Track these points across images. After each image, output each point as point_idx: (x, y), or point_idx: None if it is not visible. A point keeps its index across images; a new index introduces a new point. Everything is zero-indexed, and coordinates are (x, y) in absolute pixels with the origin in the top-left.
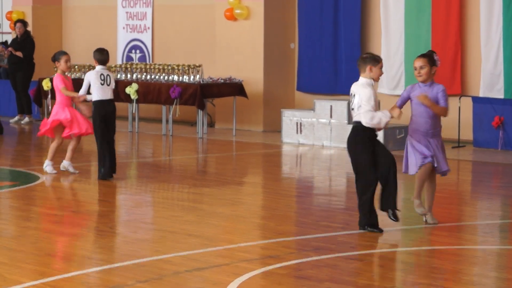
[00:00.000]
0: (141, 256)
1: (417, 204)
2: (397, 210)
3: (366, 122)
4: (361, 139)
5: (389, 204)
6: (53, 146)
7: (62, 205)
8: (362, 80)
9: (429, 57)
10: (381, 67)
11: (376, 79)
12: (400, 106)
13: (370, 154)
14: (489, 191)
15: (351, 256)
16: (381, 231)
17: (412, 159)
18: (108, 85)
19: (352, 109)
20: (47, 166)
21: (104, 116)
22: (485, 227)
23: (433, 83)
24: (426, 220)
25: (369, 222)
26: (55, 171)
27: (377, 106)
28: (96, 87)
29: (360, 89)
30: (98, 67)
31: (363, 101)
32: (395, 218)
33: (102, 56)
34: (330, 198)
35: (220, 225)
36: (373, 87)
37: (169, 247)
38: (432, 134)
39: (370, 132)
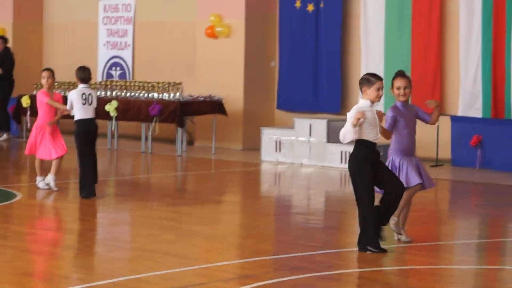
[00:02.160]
0: (118, 275)
1: (394, 222)
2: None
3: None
4: (354, 157)
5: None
6: (38, 162)
7: (39, 224)
8: (359, 102)
9: (409, 78)
10: (379, 88)
11: (373, 100)
12: (391, 129)
13: (367, 173)
14: (467, 210)
15: (328, 275)
16: (384, 251)
17: (413, 174)
18: (90, 104)
19: None
20: (39, 182)
21: (86, 135)
22: (463, 247)
23: (412, 105)
24: (399, 239)
25: (369, 242)
26: (47, 186)
27: (377, 127)
28: (78, 107)
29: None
30: (81, 86)
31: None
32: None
33: (84, 74)
34: (308, 217)
35: (198, 244)
36: (366, 108)
37: (146, 266)
38: (413, 153)
39: (364, 150)
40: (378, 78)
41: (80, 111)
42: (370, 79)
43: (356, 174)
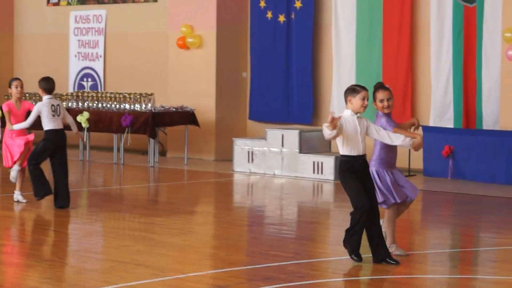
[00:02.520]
0: (90, 286)
1: (395, 248)
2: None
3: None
4: (339, 168)
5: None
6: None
7: (11, 235)
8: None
9: (389, 89)
10: (364, 97)
11: (357, 110)
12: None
13: (353, 181)
14: (439, 220)
15: (300, 286)
16: (360, 259)
17: (409, 185)
18: (59, 115)
19: None
20: (18, 195)
21: (56, 145)
22: (435, 256)
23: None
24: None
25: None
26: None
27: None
28: (48, 118)
29: None
30: (47, 97)
31: None
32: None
33: (49, 85)
34: (281, 228)
35: (170, 255)
36: (347, 118)
37: (118, 277)
38: (394, 164)
39: (346, 163)
40: (363, 88)
41: (49, 123)
42: (355, 88)
43: (344, 185)
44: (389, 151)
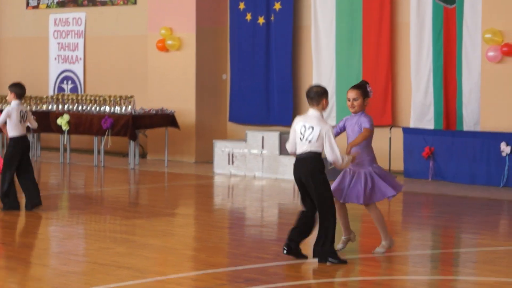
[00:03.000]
0: None
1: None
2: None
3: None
4: (317, 170)
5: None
6: None
7: None
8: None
9: (362, 89)
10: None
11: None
12: (336, 134)
13: (329, 184)
14: (419, 221)
15: (281, 287)
16: (345, 262)
17: (382, 185)
18: (25, 121)
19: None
20: None
21: (22, 151)
22: (416, 257)
23: (362, 113)
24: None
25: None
26: None
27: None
28: (15, 124)
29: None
30: (16, 103)
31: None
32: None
33: (22, 90)
34: (262, 229)
35: (151, 256)
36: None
37: (99, 279)
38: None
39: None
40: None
41: (16, 129)
42: (326, 90)
43: (325, 185)
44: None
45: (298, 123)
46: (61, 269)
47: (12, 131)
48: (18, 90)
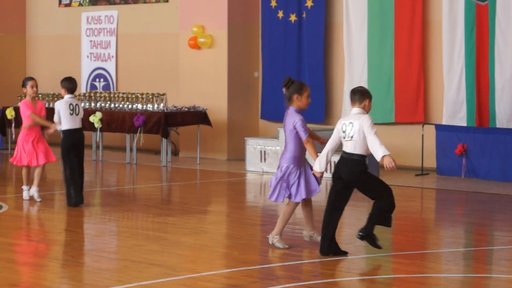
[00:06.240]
0: (103, 285)
1: (278, 239)
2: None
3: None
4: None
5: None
6: (24, 171)
7: (25, 235)
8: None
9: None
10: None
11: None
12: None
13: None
14: (452, 219)
15: (314, 285)
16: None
17: (302, 187)
18: (77, 114)
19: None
20: (24, 191)
21: (73, 145)
22: (449, 255)
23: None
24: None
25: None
26: (28, 197)
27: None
28: (65, 117)
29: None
30: (67, 97)
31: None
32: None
33: (71, 84)
34: (294, 227)
35: (183, 254)
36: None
37: (131, 276)
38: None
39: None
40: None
41: (67, 121)
42: (370, 93)
43: (369, 180)
44: (301, 147)
45: (340, 122)
46: (93, 266)
47: (64, 124)
48: (68, 84)
